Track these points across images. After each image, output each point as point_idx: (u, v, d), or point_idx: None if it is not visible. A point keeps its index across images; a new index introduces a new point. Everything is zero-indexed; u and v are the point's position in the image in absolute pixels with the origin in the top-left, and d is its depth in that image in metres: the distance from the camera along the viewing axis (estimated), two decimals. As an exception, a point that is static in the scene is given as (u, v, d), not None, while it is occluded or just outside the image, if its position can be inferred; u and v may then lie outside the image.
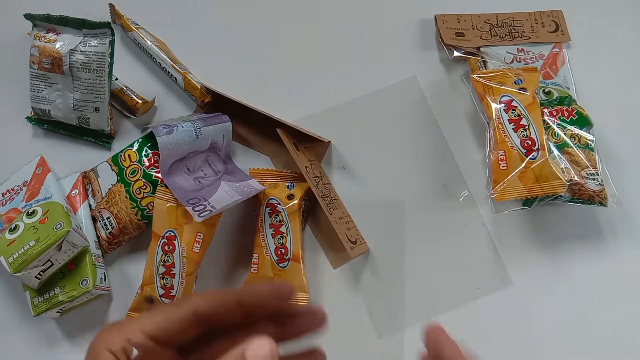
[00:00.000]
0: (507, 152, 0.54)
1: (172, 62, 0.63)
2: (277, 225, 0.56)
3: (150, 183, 0.56)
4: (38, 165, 0.59)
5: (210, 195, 0.54)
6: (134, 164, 0.57)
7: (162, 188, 0.54)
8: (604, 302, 0.56)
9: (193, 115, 0.61)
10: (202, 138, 0.56)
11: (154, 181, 0.56)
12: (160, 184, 0.55)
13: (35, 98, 0.60)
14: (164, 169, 0.55)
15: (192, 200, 0.53)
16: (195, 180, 0.56)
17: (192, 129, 0.56)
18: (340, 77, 0.65)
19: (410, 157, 0.61)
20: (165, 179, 0.55)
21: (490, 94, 0.57)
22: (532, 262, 0.57)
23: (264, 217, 0.56)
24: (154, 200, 0.54)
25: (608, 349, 0.55)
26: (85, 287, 0.53)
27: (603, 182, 0.55)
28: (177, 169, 0.56)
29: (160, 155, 0.54)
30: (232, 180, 0.58)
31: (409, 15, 0.67)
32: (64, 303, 0.53)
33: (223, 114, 0.60)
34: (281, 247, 0.55)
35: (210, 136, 0.57)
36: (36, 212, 0.54)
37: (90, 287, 0.53)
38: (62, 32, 0.58)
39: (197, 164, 0.57)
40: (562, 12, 0.67)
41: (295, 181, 0.58)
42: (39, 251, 0.50)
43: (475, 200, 0.59)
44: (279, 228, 0.56)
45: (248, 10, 0.68)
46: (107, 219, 0.56)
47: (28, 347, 0.56)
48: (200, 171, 0.57)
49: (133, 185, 0.56)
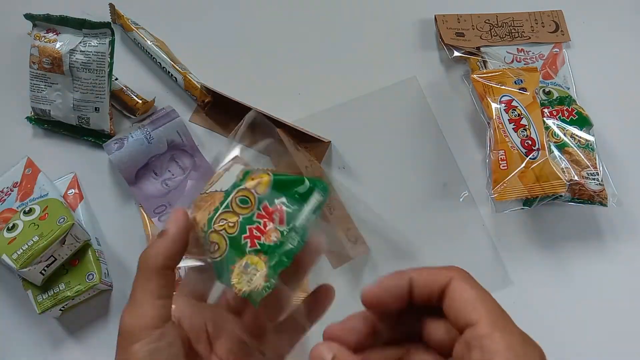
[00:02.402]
0: (508, 152, 0.54)
1: (172, 62, 0.63)
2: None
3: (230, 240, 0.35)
4: (26, 167, 0.59)
5: (175, 200, 0.55)
6: (252, 194, 0.35)
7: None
8: (604, 302, 0.56)
9: (145, 120, 0.61)
10: (155, 142, 0.57)
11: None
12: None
13: (35, 98, 0.60)
14: (130, 180, 0.57)
15: (158, 209, 0.55)
16: (162, 183, 0.57)
17: (142, 136, 0.57)
18: (340, 77, 0.65)
19: (410, 157, 0.61)
20: (133, 189, 0.56)
21: (490, 94, 0.57)
22: (532, 262, 0.57)
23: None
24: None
25: (608, 348, 0.54)
26: (91, 282, 0.53)
27: (603, 182, 0.55)
28: (144, 177, 0.58)
29: (119, 170, 0.56)
30: (198, 177, 0.58)
31: (409, 15, 0.67)
32: (70, 298, 0.53)
33: (172, 109, 0.60)
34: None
35: (163, 137, 0.58)
36: (34, 209, 0.54)
37: (97, 281, 0.53)
38: (62, 32, 0.58)
39: (163, 165, 0.58)
40: (562, 12, 0.67)
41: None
42: (44, 245, 0.51)
43: (475, 200, 0.59)
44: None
45: (248, 10, 0.68)
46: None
47: (31, 346, 0.56)
48: (167, 172, 0.58)
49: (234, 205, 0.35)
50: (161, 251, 0.32)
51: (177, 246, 0.32)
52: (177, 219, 0.33)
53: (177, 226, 0.33)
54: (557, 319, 0.55)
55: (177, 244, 0.32)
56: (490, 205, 0.57)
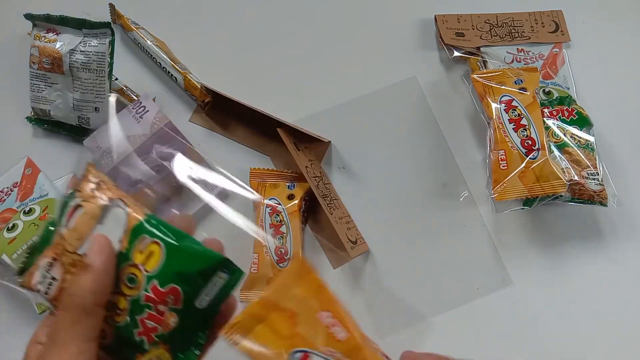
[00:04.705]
0: (508, 152, 0.54)
1: (172, 62, 0.63)
2: (277, 225, 0.56)
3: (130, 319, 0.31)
4: (26, 167, 0.59)
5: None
6: (140, 271, 0.30)
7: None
8: (604, 302, 0.56)
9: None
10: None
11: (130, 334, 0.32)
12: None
13: (35, 98, 0.60)
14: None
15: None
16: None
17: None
18: (340, 77, 0.65)
19: (410, 157, 0.61)
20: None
21: (490, 94, 0.57)
22: (532, 262, 0.57)
23: (264, 217, 0.56)
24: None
25: (608, 348, 0.54)
26: None
27: (603, 182, 0.55)
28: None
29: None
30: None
31: (409, 15, 0.67)
32: None
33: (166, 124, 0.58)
34: (281, 247, 0.55)
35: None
36: (34, 210, 0.54)
37: None
38: (62, 32, 0.58)
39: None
40: (562, 12, 0.67)
41: (296, 181, 0.58)
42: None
43: (475, 200, 0.59)
44: (279, 228, 0.56)
45: (248, 10, 0.68)
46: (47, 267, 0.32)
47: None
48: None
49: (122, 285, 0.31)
50: (89, 287, 0.29)
51: (105, 280, 0.29)
52: (102, 249, 0.29)
53: (102, 258, 0.29)
54: (557, 319, 0.55)
55: (106, 277, 0.29)
56: (490, 205, 0.57)
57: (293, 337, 0.29)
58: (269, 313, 0.30)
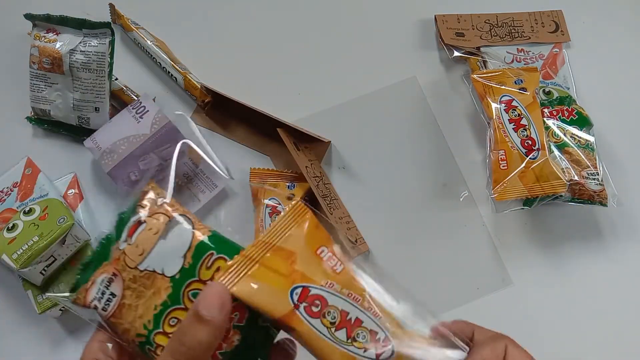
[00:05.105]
0: (508, 152, 0.54)
1: (172, 62, 0.63)
2: None
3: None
4: (26, 167, 0.59)
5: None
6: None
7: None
8: (604, 302, 0.56)
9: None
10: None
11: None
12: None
13: (35, 98, 0.60)
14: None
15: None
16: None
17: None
18: (340, 77, 0.65)
19: (410, 157, 0.61)
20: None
21: (490, 94, 0.57)
22: (532, 262, 0.57)
23: (264, 217, 0.56)
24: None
25: (608, 348, 0.54)
26: None
27: (603, 182, 0.55)
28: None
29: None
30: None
31: (409, 15, 0.67)
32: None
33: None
34: None
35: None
36: (34, 210, 0.54)
37: None
38: (62, 32, 0.58)
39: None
40: (562, 12, 0.67)
41: (296, 181, 0.58)
42: (44, 245, 0.51)
43: (475, 200, 0.59)
44: None
45: (248, 11, 0.68)
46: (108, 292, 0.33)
47: (31, 346, 0.56)
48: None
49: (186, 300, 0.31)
50: (205, 342, 0.28)
51: (221, 334, 0.28)
52: (223, 305, 0.28)
53: (223, 315, 0.28)
54: (557, 319, 0.55)
55: (222, 332, 0.28)
56: (490, 205, 0.57)
57: (292, 274, 0.30)
58: (264, 253, 0.31)
